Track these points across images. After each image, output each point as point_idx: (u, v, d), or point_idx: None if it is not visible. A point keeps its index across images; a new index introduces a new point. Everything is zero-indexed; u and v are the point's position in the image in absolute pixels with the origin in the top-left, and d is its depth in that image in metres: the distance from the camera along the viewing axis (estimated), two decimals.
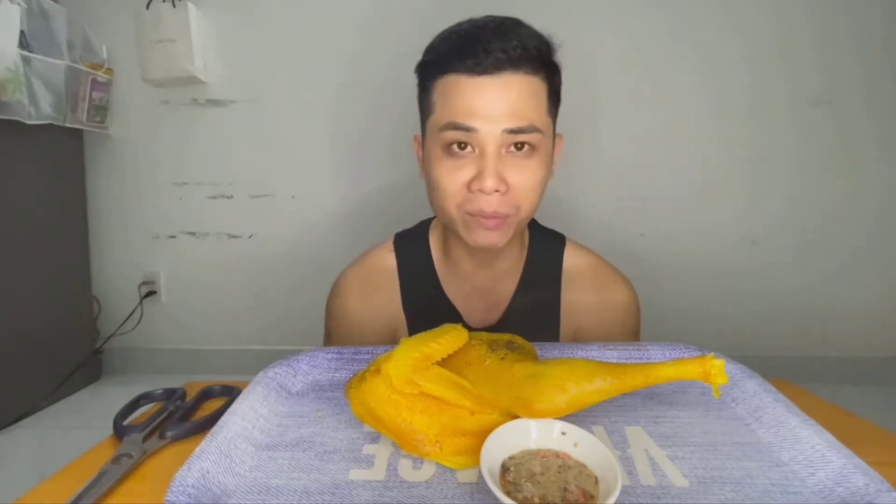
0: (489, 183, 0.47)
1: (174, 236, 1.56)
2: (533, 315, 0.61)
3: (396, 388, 0.34)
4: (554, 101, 0.52)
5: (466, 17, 0.51)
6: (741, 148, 1.40)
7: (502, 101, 0.47)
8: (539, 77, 0.49)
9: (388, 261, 0.63)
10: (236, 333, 1.59)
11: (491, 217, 0.49)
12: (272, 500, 0.29)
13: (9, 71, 1.13)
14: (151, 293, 1.57)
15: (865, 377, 1.44)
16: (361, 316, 0.62)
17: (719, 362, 0.32)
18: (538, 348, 0.42)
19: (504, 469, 0.29)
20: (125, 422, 0.40)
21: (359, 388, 0.36)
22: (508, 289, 0.61)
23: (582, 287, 0.61)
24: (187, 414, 0.42)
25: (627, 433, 0.36)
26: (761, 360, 0.98)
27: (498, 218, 0.50)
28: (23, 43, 1.18)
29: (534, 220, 0.63)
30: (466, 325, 0.41)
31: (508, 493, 0.27)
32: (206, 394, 0.46)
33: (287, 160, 1.49)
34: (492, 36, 0.47)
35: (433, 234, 0.64)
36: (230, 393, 0.45)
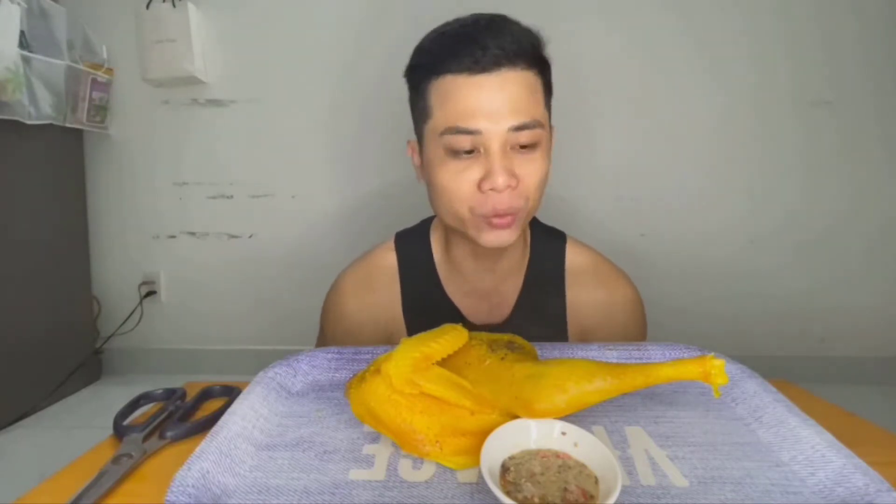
0: (501, 180, 0.47)
1: (174, 236, 1.56)
2: (539, 315, 0.61)
3: (396, 388, 0.34)
4: (548, 94, 0.52)
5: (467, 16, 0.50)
6: (743, 148, 1.40)
7: (503, 98, 0.47)
8: (534, 72, 0.49)
9: (389, 260, 0.63)
10: (236, 333, 1.59)
11: (504, 214, 0.49)
12: (272, 500, 0.29)
13: (9, 71, 1.13)
14: (151, 293, 1.57)
15: (865, 377, 1.43)
16: (358, 318, 0.61)
17: (719, 362, 0.32)
18: (538, 348, 0.42)
19: (504, 469, 0.29)
20: (125, 422, 0.40)
21: (359, 388, 0.36)
22: (511, 289, 0.61)
23: (586, 285, 0.61)
24: (187, 414, 0.42)
25: (627, 433, 0.36)
26: (761, 360, 0.98)
27: (511, 215, 0.49)
28: (23, 43, 1.18)
29: (534, 218, 0.63)
30: (467, 325, 0.41)
31: (508, 493, 0.27)
32: (206, 394, 0.46)
33: (287, 160, 1.49)
34: (486, 33, 0.46)
35: (434, 233, 0.63)
36: (230, 393, 0.45)
